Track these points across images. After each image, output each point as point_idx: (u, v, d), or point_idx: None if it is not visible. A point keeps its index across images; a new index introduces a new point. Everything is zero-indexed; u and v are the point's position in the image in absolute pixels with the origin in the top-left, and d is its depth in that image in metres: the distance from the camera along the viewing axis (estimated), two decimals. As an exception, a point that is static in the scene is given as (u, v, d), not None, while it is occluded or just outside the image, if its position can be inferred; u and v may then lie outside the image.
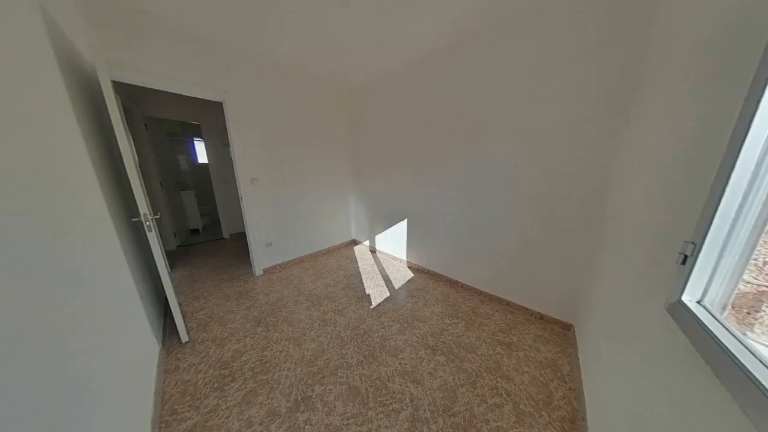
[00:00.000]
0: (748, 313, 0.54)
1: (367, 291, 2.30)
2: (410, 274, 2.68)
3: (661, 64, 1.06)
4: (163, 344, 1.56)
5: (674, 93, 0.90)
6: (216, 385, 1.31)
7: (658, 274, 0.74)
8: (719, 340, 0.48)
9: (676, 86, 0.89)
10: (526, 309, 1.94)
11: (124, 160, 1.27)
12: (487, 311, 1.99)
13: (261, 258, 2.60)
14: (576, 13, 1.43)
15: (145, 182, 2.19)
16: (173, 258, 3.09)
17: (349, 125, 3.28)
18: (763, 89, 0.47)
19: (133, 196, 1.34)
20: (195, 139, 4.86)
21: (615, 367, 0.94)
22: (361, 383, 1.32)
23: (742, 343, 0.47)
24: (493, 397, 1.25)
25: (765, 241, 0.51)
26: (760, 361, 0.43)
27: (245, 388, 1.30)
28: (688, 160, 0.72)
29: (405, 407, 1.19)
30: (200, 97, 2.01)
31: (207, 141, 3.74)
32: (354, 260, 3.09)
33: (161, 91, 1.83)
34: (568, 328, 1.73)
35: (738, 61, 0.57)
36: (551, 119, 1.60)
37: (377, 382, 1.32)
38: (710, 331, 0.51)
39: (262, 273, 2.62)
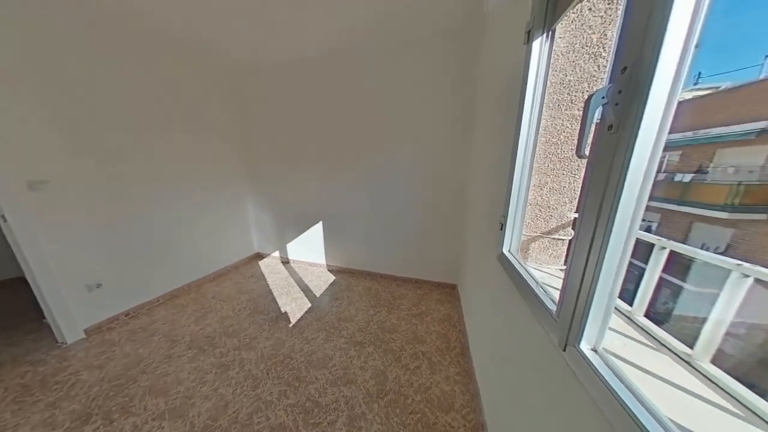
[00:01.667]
0: (526, 252, 0.98)
1: (283, 309, 2.03)
2: (332, 278, 2.62)
3: (481, 104, 1.64)
4: None
5: (488, 124, 1.42)
6: None
7: (492, 237, 1.17)
8: (516, 270, 0.84)
9: (489, 119, 1.42)
10: (429, 281, 2.44)
11: None
12: (402, 292, 2.32)
13: (78, 311, 1.64)
14: (437, 56, 1.91)
15: None
16: None
17: (238, 115, 2.69)
18: (519, 128, 0.85)
19: None
20: None
21: (479, 305, 1.39)
22: (288, 415, 1.18)
23: (525, 268, 0.85)
24: (414, 362, 1.49)
25: (527, 212, 0.94)
26: (527, 272, 0.79)
27: None
28: (498, 166, 1.18)
29: (341, 414, 1.18)
30: None
31: None
32: (261, 277, 2.62)
33: None
34: (454, 287, 2.35)
35: (510, 109, 1.00)
36: (430, 132, 2.08)
37: (307, 404, 1.23)
38: (513, 266, 0.88)
39: (83, 336, 1.66)
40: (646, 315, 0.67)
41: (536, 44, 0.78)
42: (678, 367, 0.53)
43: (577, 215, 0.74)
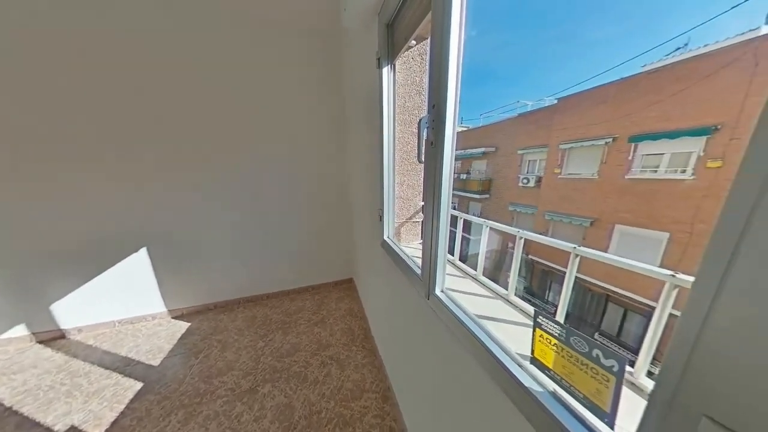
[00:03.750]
0: (399, 235, 1.24)
1: (61, 426, 1.14)
2: (184, 326, 1.85)
3: (351, 110, 1.82)
4: None
5: (358, 130, 1.61)
6: None
7: (375, 228, 1.37)
8: (394, 251, 1.05)
9: (358, 127, 1.61)
10: (326, 283, 2.41)
11: None
12: (299, 305, 2.11)
13: None
14: (302, 50, 1.85)
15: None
16: None
17: None
18: (382, 137, 1.05)
19: None
20: None
21: (373, 289, 1.58)
22: None
23: (399, 247, 1.08)
24: (322, 371, 1.43)
25: (396, 204, 1.19)
26: (402, 250, 1.02)
27: None
28: (371, 168, 1.38)
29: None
30: None
31: None
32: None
33: None
34: (351, 281, 2.49)
35: (373, 121, 1.19)
36: (309, 133, 2.01)
37: None
38: (392, 248, 1.08)
39: None
40: (460, 259, 1.11)
41: (385, 71, 0.99)
42: (473, 284, 0.93)
43: (423, 203, 1.04)
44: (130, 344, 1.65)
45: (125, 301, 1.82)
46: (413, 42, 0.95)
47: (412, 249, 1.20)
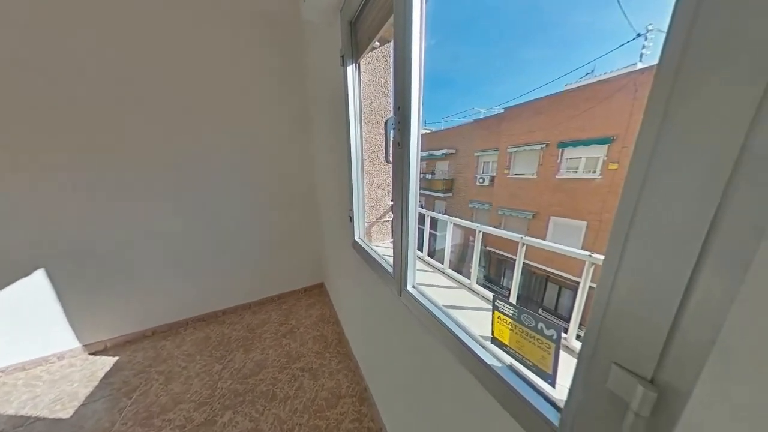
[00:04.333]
0: (369, 235, 1.24)
1: None
2: (107, 363, 1.53)
3: (316, 107, 1.75)
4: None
5: (324, 130, 1.56)
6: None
7: (345, 229, 1.34)
8: (366, 251, 1.05)
9: (324, 126, 1.55)
10: (294, 291, 2.26)
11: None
12: (263, 318, 1.93)
13: None
14: (257, 39, 1.69)
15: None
16: None
17: None
18: (349, 137, 1.03)
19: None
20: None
21: (345, 291, 1.55)
22: None
23: (371, 247, 1.08)
24: (293, 384, 1.34)
25: (366, 205, 1.19)
26: (373, 250, 1.03)
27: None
28: (339, 168, 1.35)
29: None
30: None
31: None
32: None
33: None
34: (321, 285, 2.39)
35: (339, 121, 1.17)
36: (270, 134, 1.85)
37: None
38: (363, 248, 1.08)
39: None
40: (429, 254, 1.17)
41: (350, 69, 0.98)
42: (441, 277, 0.99)
43: (392, 202, 1.06)
44: (22, 397, 1.27)
45: (11, 342, 1.39)
46: (377, 43, 0.96)
47: (383, 248, 1.22)
